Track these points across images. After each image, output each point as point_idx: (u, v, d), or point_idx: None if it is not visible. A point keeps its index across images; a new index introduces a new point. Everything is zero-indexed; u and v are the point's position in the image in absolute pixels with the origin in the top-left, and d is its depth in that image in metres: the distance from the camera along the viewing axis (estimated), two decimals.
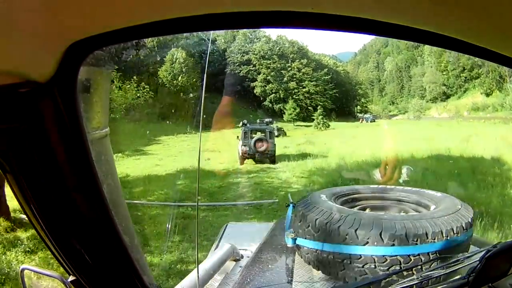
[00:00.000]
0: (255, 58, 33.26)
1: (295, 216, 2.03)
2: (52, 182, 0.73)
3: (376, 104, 38.74)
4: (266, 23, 0.63)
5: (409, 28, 0.61)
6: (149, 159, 15.54)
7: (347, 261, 1.69)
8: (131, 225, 1.05)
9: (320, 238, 1.78)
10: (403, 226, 1.64)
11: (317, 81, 33.74)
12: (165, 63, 27.43)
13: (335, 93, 34.29)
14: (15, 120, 0.66)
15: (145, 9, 0.56)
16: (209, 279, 1.91)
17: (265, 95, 33.39)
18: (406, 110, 35.00)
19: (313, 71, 34.19)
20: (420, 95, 34.83)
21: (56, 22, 0.55)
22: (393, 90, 38.49)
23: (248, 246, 2.48)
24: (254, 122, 15.68)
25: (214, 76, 29.32)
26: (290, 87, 33.39)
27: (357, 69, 41.37)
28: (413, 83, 36.84)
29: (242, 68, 33.21)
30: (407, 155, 12.77)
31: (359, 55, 43.18)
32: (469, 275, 1.20)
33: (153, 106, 23.97)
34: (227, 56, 33.25)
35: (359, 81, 39.48)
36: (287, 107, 32.27)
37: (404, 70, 38.02)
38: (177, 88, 26.93)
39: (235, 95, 31.18)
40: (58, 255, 0.82)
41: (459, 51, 0.68)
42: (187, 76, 26.83)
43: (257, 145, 13.12)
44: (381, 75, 40.26)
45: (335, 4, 0.58)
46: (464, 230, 1.70)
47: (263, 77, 33.27)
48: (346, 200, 2.32)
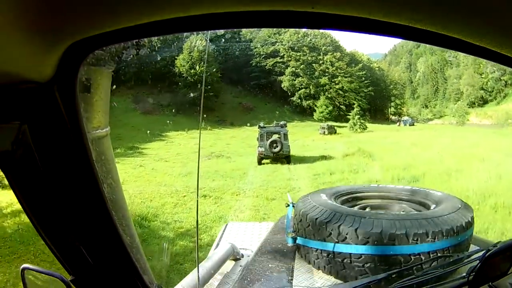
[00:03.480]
0: (283, 50, 30.38)
1: (295, 216, 2.03)
2: (52, 181, 0.73)
3: (409, 107, 35.72)
4: (266, 23, 0.63)
5: (409, 28, 0.61)
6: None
7: (348, 260, 1.69)
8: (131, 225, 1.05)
9: (320, 237, 1.78)
10: (403, 225, 1.64)
11: (351, 77, 30.84)
12: (183, 51, 24.55)
13: (370, 92, 31.42)
14: (16, 119, 0.66)
15: (145, 9, 0.56)
16: (209, 279, 1.91)
17: (293, 90, 30.62)
18: (441, 114, 32.48)
19: (347, 65, 31.23)
20: (456, 99, 32.27)
21: (56, 22, 0.55)
22: (427, 93, 35.90)
23: (248, 246, 2.49)
24: (269, 125, 16.56)
25: (238, 68, 26.80)
26: (322, 83, 30.59)
27: (388, 70, 38.75)
28: (448, 86, 34.36)
29: (268, 61, 30.39)
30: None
31: (389, 56, 40.51)
32: (469, 275, 1.20)
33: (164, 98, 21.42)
34: (253, 47, 30.05)
35: (394, 80, 36.20)
36: (318, 104, 29.57)
37: (438, 71, 35.48)
38: (195, 78, 24.28)
39: (260, 90, 28.78)
40: (58, 255, 0.82)
41: (459, 51, 0.68)
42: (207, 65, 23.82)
43: (272, 146, 14.15)
44: (413, 76, 37.84)
45: (336, 3, 0.58)
46: (464, 229, 1.70)
47: (292, 70, 30.54)
48: (346, 199, 2.32)
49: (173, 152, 16.81)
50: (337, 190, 2.40)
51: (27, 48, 0.56)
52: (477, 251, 1.42)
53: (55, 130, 0.68)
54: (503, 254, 1.21)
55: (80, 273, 0.85)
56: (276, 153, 14.17)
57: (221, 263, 2.07)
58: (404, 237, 1.61)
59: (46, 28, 0.55)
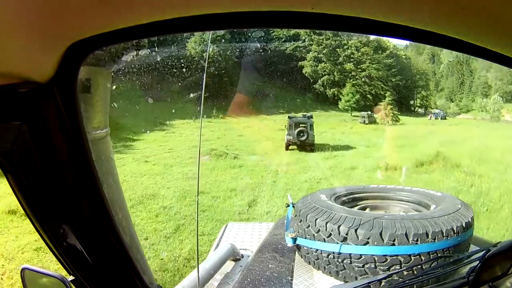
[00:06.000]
0: (304, 33, 27.48)
1: (295, 216, 2.03)
2: (52, 181, 0.73)
3: (436, 100, 32.89)
4: (266, 23, 0.63)
5: (409, 28, 0.61)
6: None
7: (347, 261, 1.69)
8: (131, 225, 1.05)
9: (320, 238, 1.78)
10: (403, 225, 1.64)
11: (378, 64, 28.35)
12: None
13: (397, 81, 28.81)
14: (16, 119, 0.66)
15: (145, 9, 0.56)
16: (209, 279, 1.91)
17: (316, 77, 28.03)
18: (468, 108, 29.98)
19: (374, 52, 28.74)
20: (484, 93, 29.74)
21: (56, 22, 0.55)
22: (452, 85, 33.13)
23: (248, 246, 2.48)
24: (298, 116, 16.99)
25: (254, 53, 24.20)
26: (347, 69, 27.93)
27: (414, 59, 35.46)
28: (475, 79, 31.66)
29: (289, 45, 27.95)
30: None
31: (410, 46, 36.47)
32: (469, 275, 1.20)
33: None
34: (271, 30, 26.71)
35: (420, 70, 33.13)
36: (344, 92, 27.06)
37: (464, 63, 32.65)
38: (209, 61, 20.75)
39: (279, 76, 26.35)
40: (58, 255, 0.82)
41: (459, 51, 0.68)
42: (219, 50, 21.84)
43: (299, 135, 15.28)
44: (436, 68, 35.02)
45: (335, 4, 0.58)
46: (464, 229, 1.70)
47: (314, 55, 28.02)
48: (346, 200, 2.31)
49: (165, 147, 13.68)
50: (337, 190, 2.40)
51: (27, 48, 0.56)
52: (477, 252, 1.42)
53: (55, 130, 0.68)
54: (503, 254, 1.21)
55: (80, 273, 0.85)
56: (303, 141, 15.32)
57: (221, 263, 2.07)
58: (404, 238, 1.61)
59: (46, 28, 0.55)
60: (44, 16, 0.53)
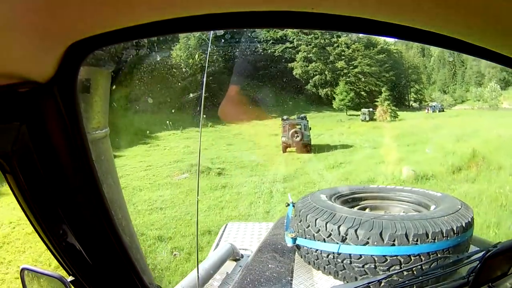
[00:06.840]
0: (292, 34, 27.29)
1: (295, 216, 2.03)
2: (52, 182, 0.73)
3: (431, 92, 32.40)
4: (266, 23, 0.63)
5: (409, 28, 0.61)
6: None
7: (347, 261, 1.69)
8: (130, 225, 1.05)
9: (320, 238, 1.78)
10: (403, 226, 1.64)
11: (370, 59, 28.07)
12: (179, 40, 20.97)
13: (391, 76, 28.41)
14: (16, 119, 0.66)
15: (145, 9, 0.56)
16: (209, 279, 1.91)
17: (307, 77, 27.59)
18: (463, 99, 29.50)
19: (365, 48, 28.43)
20: (477, 82, 29.15)
21: (56, 22, 0.55)
22: (444, 77, 32.73)
23: (248, 246, 2.48)
24: (291, 118, 17.12)
25: (243, 57, 23.29)
26: (338, 67, 27.49)
27: (405, 53, 35.03)
28: (467, 69, 31.18)
29: (277, 47, 27.44)
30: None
31: (400, 41, 38.73)
32: (469, 275, 1.20)
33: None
34: (258, 33, 26.36)
35: (412, 64, 32.76)
36: (337, 91, 26.58)
37: (455, 54, 31.08)
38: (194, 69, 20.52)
39: (269, 79, 25.72)
40: (58, 255, 0.82)
41: (459, 51, 0.68)
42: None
43: (293, 136, 15.41)
44: (426, 61, 34.57)
45: (335, 4, 0.58)
46: (464, 230, 1.70)
47: (303, 55, 27.63)
48: (346, 200, 2.31)
49: (144, 164, 11.94)
50: (337, 190, 2.40)
51: (27, 48, 0.56)
52: (477, 252, 1.42)
53: (55, 131, 0.68)
54: (503, 254, 1.21)
55: (80, 273, 0.84)
56: (298, 142, 15.45)
57: (220, 263, 2.07)
58: (404, 238, 1.61)
59: (46, 28, 0.55)
60: (44, 16, 0.53)
